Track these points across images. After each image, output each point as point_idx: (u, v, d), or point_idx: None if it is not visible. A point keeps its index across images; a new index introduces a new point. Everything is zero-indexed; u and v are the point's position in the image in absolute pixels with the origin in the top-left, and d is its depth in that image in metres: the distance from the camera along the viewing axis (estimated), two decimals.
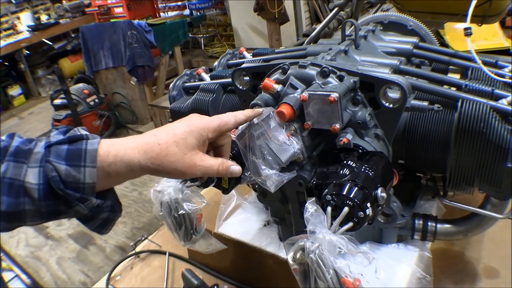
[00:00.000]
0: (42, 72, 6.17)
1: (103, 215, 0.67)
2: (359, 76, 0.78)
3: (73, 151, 0.63)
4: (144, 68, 4.47)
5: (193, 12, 6.09)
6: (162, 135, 0.67)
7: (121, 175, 0.66)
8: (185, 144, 0.66)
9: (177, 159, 0.65)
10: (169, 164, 0.65)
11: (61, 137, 0.64)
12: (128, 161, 0.64)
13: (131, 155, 0.65)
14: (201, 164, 0.67)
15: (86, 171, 0.62)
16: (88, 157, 0.62)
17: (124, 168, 0.65)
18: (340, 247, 0.61)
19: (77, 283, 2.47)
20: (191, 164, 0.66)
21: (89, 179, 0.62)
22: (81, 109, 4.46)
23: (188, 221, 0.90)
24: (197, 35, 6.24)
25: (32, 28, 5.77)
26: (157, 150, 0.65)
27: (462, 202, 0.92)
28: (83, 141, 0.64)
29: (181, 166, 0.65)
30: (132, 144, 0.65)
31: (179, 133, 0.66)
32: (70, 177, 0.61)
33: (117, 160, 0.64)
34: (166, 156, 0.65)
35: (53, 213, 0.64)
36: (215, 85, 1.10)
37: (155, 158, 0.65)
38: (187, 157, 0.66)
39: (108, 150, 0.64)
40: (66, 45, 6.35)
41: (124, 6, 4.84)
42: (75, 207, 0.63)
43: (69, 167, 0.61)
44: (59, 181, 0.61)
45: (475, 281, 1.06)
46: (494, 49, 1.99)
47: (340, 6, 2.02)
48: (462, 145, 0.78)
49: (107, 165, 0.64)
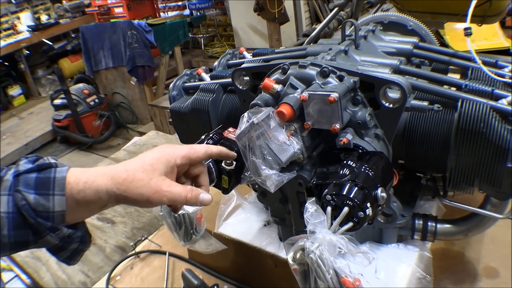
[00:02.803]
0: (42, 72, 6.17)
1: (73, 246, 0.66)
2: (359, 76, 0.78)
3: (42, 179, 0.62)
4: (144, 68, 4.47)
5: (193, 12, 6.09)
6: (131, 162, 0.67)
7: (90, 204, 0.65)
8: (151, 169, 0.65)
9: (143, 184, 0.64)
10: (135, 190, 0.64)
11: (29, 166, 0.63)
12: (96, 188, 0.63)
13: (99, 181, 0.64)
14: (168, 190, 0.65)
15: (55, 200, 0.61)
16: (57, 185, 0.62)
17: (93, 195, 0.64)
18: (340, 247, 0.61)
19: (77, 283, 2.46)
20: (157, 190, 0.64)
21: (58, 207, 0.61)
22: (81, 109, 4.47)
23: (188, 221, 0.90)
24: (197, 35, 6.24)
25: (32, 28, 5.76)
26: (124, 175, 0.64)
27: (462, 202, 0.92)
28: (51, 169, 0.63)
29: (146, 191, 0.64)
30: (102, 171, 0.65)
31: (147, 160, 0.66)
32: (39, 206, 0.60)
33: (86, 188, 0.63)
34: (132, 182, 0.64)
35: (21, 243, 0.63)
36: (215, 85, 1.10)
37: (121, 184, 0.64)
38: (153, 182, 0.64)
39: (78, 178, 0.64)
40: (66, 45, 6.35)
41: (124, 6, 4.84)
42: (45, 236, 0.62)
43: (38, 196, 0.60)
44: (30, 209, 0.60)
45: (475, 281, 1.06)
46: (494, 49, 1.99)
47: (340, 6, 2.02)
48: (462, 145, 0.78)
49: (77, 193, 0.63)
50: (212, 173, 0.85)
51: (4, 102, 5.80)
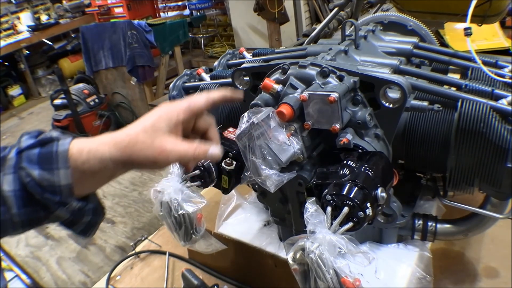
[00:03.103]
0: (42, 72, 6.17)
1: (86, 219, 0.65)
2: (359, 76, 0.78)
3: (44, 154, 0.60)
4: (144, 68, 4.47)
5: (193, 12, 6.09)
6: (132, 126, 0.64)
7: (96, 174, 0.63)
8: (153, 130, 0.62)
9: (146, 146, 0.61)
10: (139, 153, 0.61)
11: (31, 141, 0.62)
12: (100, 156, 0.61)
13: (102, 150, 0.62)
14: (173, 148, 0.62)
15: (60, 173, 0.60)
16: (60, 158, 0.60)
17: (98, 165, 0.62)
18: (340, 247, 0.61)
19: (77, 283, 2.47)
20: (162, 150, 0.61)
21: (64, 180, 0.60)
22: (81, 109, 4.46)
23: (188, 221, 0.90)
24: (197, 35, 6.25)
25: (32, 28, 5.77)
26: (126, 140, 0.62)
27: (462, 202, 0.92)
28: (53, 143, 0.62)
29: (151, 153, 0.61)
30: (104, 140, 0.63)
31: (148, 121, 0.64)
32: (45, 180, 0.59)
33: (90, 157, 0.61)
34: (135, 145, 0.61)
35: (33, 220, 0.62)
36: (215, 85, 1.10)
37: (125, 149, 0.61)
38: (157, 143, 0.61)
39: (81, 148, 0.62)
40: (66, 45, 6.35)
41: (124, 6, 4.85)
42: (55, 211, 0.61)
43: (42, 171, 0.59)
44: (35, 185, 0.59)
45: (475, 281, 1.06)
46: (494, 49, 1.99)
47: (340, 6, 2.02)
48: (462, 145, 0.78)
49: (81, 164, 0.61)
50: (212, 173, 0.85)
51: (4, 102, 5.80)
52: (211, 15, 6.33)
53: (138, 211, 3.08)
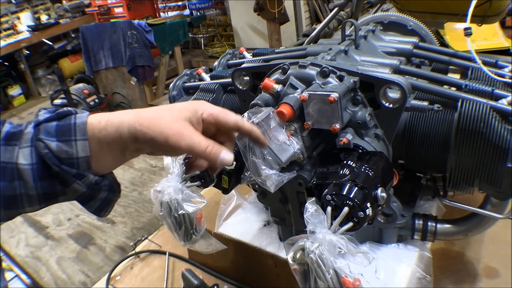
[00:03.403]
0: (42, 72, 6.17)
1: (102, 195, 0.65)
2: (359, 76, 0.78)
3: (63, 126, 0.61)
4: (144, 68, 4.47)
5: (193, 12, 6.09)
6: (158, 106, 0.64)
7: (110, 143, 0.62)
8: (178, 113, 0.62)
9: (166, 122, 0.61)
10: (156, 127, 0.61)
11: (49, 115, 0.62)
12: (118, 123, 0.61)
13: (122, 117, 0.62)
14: (189, 135, 0.61)
15: (78, 145, 0.60)
16: (78, 130, 0.60)
17: (114, 132, 0.61)
18: (340, 247, 0.61)
19: (77, 283, 2.47)
20: (179, 132, 0.61)
21: (82, 152, 0.60)
22: (81, 109, 4.46)
23: (188, 221, 0.90)
24: (197, 35, 6.25)
25: (32, 28, 5.77)
26: (149, 113, 0.62)
27: (462, 202, 0.92)
28: (71, 116, 0.62)
29: (167, 131, 0.60)
30: (128, 111, 0.63)
31: (175, 106, 0.64)
32: (62, 152, 0.59)
33: (108, 125, 0.61)
34: (155, 119, 0.61)
35: (50, 195, 0.62)
36: (215, 85, 1.10)
37: (144, 119, 0.61)
38: (177, 124, 0.61)
39: (100, 118, 0.62)
40: (66, 45, 6.35)
41: (124, 6, 4.85)
42: (72, 184, 0.60)
43: (60, 143, 0.59)
44: (53, 157, 0.59)
45: (475, 281, 1.06)
46: (494, 49, 1.99)
47: (340, 6, 2.02)
48: (462, 145, 0.78)
49: (98, 132, 0.61)
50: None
51: (4, 102, 5.80)
52: (211, 15, 6.33)
53: (138, 211, 3.07)
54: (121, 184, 0.69)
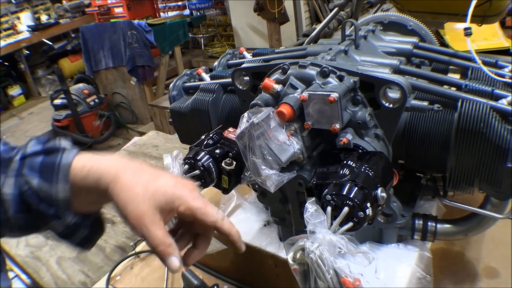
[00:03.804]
0: (42, 72, 6.17)
1: (82, 233, 0.62)
2: (359, 76, 0.78)
3: (47, 163, 0.58)
4: (144, 68, 4.48)
5: (193, 12, 6.09)
6: (143, 170, 0.60)
7: (90, 192, 0.59)
8: (151, 196, 0.57)
9: (132, 200, 0.56)
10: (124, 199, 0.57)
11: (37, 148, 0.60)
12: (98, 177, 0.58)
13: (103, 171, 0.58)
14: (147, 225, 0.56)
15: (59, 187, 0.57)
16: (61, 171, 0.58)
17: (93, 184, 0.58)
18: (340, 247, 0.61)
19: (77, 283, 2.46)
20: (139, 217, 0.56)
21: (62, 194, 0.58)
22: (81, 109, 4.47)
23: None
24: (197, 35, 6.25)
25: (32, 28, 5.77)
26: (127, 180, 0.57)
27: (462, 202, 0.92)
28: (58, 153, 0.59)
29: (130, 210, 0.56)
30: (112, 163, 0.60)
31: (156, 184, 0.59)
32: (42, 191, 0.57)
33: (89, 175, 0.58)
34: (125, 192, 0.57)
35: (29, 227, 0.60)
36: (215, 85, 1.10)
37: (121, 187, 0.57)
38: (143, 207, 0.56)
39: (84, 164, 0.59)
40: (66, 45, 6.35)
41: (124, 6, 4.84)
42: (49, 223, 0.59)
43: (42, 180, 0.57)
44: (32, 194, 0.57)
45: (475, 281, 1.06)
46: (494, 49, 1.99)
47: (340, 6, 2.02)
48: (462, 145, 0.78)
49: (79, 180, 0.58)
50: (212, 173, 0.85)
51: (4, 102, 5.80)
52: (211, 15, 6.33)
53: None
54: None
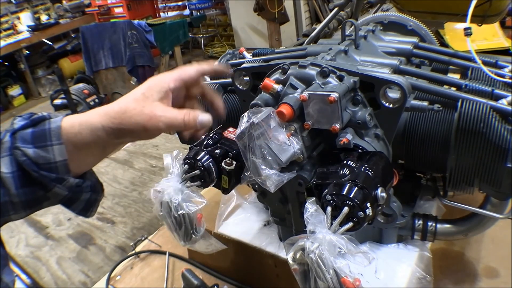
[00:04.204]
0: (42, 72, 6.17)
1: (85, 196, 0.66)
2: (359, 76, 0.78)
3: (38, 132, 0.61)
4: (144, 68, 4.47)
5: (193, 12, 6.10)
6: (123, 98, 0.66)
7: (89, 145, 0.64)
8: (143, 98, 0.64)
9: (136, 112, 0.62)
10: (129, 120, 0.63)
11: (24, 122, 0.63)
12: (91, 126, 0.63)
13: (93, 120, 0.63)
14: (163, 114, 0.63)
15: (55, 149, 0.61)
16: (54, 135, 0.61)
17: (90, 135, 0.63)
18: (340, 247, 0.61)
19: (77, 283, 2.47)
20: (152, 116, 0.63)
21: (59, 156, 0.61)
22: (81, 109, 4.46)
23: (188, 221, 0.90)
24: (197, 35, 6.25)
25: (32, 28, 5.77)
26: (116, 109, 0.63)
27: (462, 202, 0.92)
28: (45, 122, 0.63)
29: (141, 119, 0.62)
30: (95, 111, 0.65)
31: (138, 90, 0.65)
32: (40, 158, 0.60)
33: (82, 129, 0.62)
34: (125, 113, 0.63)
35: (33, 201, 0.63)
36: (215, 85, 1.10)
37: (115, 117, 0.63)
38: (147, 109, 0.63)
39: (72, 122, 0.63)
40: (66, 45, 6.35)
41: (124, 6, 4.85)
42: (53, 189, 0.62)
43: (37, 149, 0.60)
44: (31, 163, 0.59)
45: (475, 281, 1.06)
46: (494, 49, 1.99)
47: (340, 6, 2.02)
48: (462, 145, 0.78)
49: (73, 136, 0.62)
50: (212, 173, 0.85)
51: (4, 102, 5.80)
52: (211, 15, 6.34)
53: (138, 211, 3.07)
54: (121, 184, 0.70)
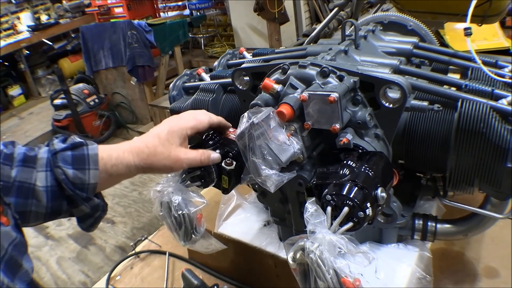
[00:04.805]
0: (42, 72, 6.17)
1: (98, 214, 0.76)
2: (359, 76, 0.78)
3: (77, 156, 0.72)
4: (144, 68, 4.47)
5: (193, 12, 6.09)
6: (149, 139, 0.78)
7: (120, 176, 0.76)
8: (169, 143, 0.77)
9: (164, 157, 0.76)
10: (158, 163, 0.76)
11: (64, 145, 0.72)
12: (127, 163, 0.75)
13: (128, 158, 0.75)
14: (185, 157, 0.78)
15: (91, 173, 0.71)
16: (91, 161, 0.72)
17: (124, 169, 0.75)
18: (340, 247, 0.61)
19: (77, 283, 2.47)
20: (177, 159, 0.77)
21: (92, 179, 0.72)
22: (81, 109, 4.47)
23: (188, 221, 0.90)
24: (197, 35, 6.25)
25: (32, 28, 5.77)
26: (146, 152, 0.76)
27: (462, 202, 0.92)
28: (83, 147, 0.73)
29: (168, 163, 0.76)
30: (127, 148, 0.77)
31: (162, 135, 0.77)
32: (77, 179, 0.70)
33: (118, 163, 0.74)
34: (155, 156, 0.76)
35: (55, 213, 0.71)
36: (215, 85, 1.10)
37: (146, 159, 0.76)
38: (173, 154, 0.77)
39: (110, 154, 0.74)
40: (66, 45, 6.36)
41: (124, 6, 4.84)
42: (80, 206, 0.71)
43: (75, 171, 0.70)
44: (69, 182, 0.69)
45: (475, 281, 1.06)
46: (494, 49, 1.99)
47: (340, 6, 2.02)
48: (462, 145, 0.78)
49: (110, 167, 0.74)
50: (212, 173, 0.85)
51: (4, 102, 5.81)
52: (211, 15, 6.33)
53: (138, 211, 3.07)
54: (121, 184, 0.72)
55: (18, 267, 0.60)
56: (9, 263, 0.58)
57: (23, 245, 0.63)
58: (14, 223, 0.62)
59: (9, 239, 0.59)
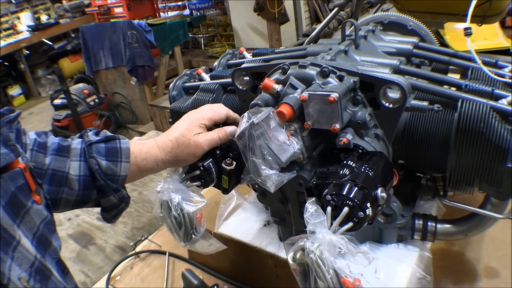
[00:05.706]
0: (42, 72, 6.17)
1: (122, 206, 0.80)
2: (359, 76, 0.78)
3: (111, 148, 0.76)
4: (144, 68, 4.47)
5: (193, 12, 6.09)
6: (171, 133, 0.82)
7: (148, 170, 0.81)
8: (189, 132, 0.80)
9: (185, 146, 0.80)
10: (181, 152, 0.80)
11: (98, 137, 0.77)
12: (155, 158, 0.80)
13: (156, 153, 0.80)
14: (204, 139, 0.81)
15: (122, 165, 0.76)
16: (123, 154, 0.77)
17: (152, 163, 0.80)
18: (340, 247, 0.61)
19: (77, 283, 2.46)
20: (197, 144, 0.80)
21: (123, 172, 0.76)
22: (81, 109, 4.46)
23: (188, 221, 0.90)
24: (197, 35, 6.24)
25: (32, 28, 5.77)
26: (170, 145, 0.80)
27: (462, 202, 0.92)
28: (116, 141, 0.78)
29: (190, 150, 0.80)
30: (154, 144, 0.81)
31: (183, 128, 0.81)
32: (109, 170, 0.74)
33: (148, 157, 0.79)
34: (178, 148, 0.80)
35: (82, 202, 0.75)
36: (215, 85, 1.10)
37: (170, 152, 0.80)
38: (192, 141, 0.80)
39: (140, 149, 0.79)
40: (66, 45, 6.35)
41: (124, 6, 4.84)
42: (109, 196, 0.76)
43: (108, 162, 0.74)
44: (101, 173, 0.73)
45: (475, 281, 1.06)
46: (494, 49, 1.99)
47: (340, 6, 2.02)
48: (462, 145, 0.78)
49: (140, 161, 0.78)
50: (212, 173, 0.85)
51: (4, 102, 5.80)
52: (211, 15, 6.33)
53: (138, 211, 3.06)
54: None
55: (49, 244, 0.64)
56: (41, 240, 0.61)
57: (52, 224, 0.67)
58: (45, 202, 0.64)
59: (41, 217, 0.62)
